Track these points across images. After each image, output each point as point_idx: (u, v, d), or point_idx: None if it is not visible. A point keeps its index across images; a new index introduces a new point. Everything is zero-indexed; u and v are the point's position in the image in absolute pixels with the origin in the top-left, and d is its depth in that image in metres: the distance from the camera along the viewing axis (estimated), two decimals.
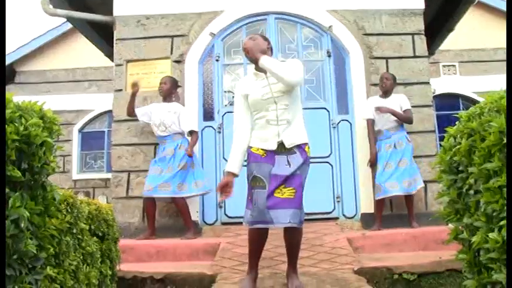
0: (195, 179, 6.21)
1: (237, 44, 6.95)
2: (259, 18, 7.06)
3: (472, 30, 12.79)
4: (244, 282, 3.82)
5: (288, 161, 3.79)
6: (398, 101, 6.39)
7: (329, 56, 7.00)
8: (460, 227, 2.97)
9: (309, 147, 3.92)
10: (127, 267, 4.33)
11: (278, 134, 3.84)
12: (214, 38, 6.95)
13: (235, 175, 3.88)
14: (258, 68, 3.98)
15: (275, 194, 3.67)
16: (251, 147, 3.88)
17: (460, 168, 2.85)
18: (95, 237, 3.10)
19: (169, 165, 6.12)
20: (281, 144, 3.83)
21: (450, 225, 3.27)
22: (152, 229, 6.13)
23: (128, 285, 4.32)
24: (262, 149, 3.83)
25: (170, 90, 6.47)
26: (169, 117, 6.29)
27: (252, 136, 3.93)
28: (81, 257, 2.71)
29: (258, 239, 3.82)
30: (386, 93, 6.47)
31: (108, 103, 9.82)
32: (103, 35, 8.45)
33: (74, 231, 2.61)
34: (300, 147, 3.86)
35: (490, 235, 2.41)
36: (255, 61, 3.90)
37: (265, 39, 4.09)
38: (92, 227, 3.07)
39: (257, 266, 3.91)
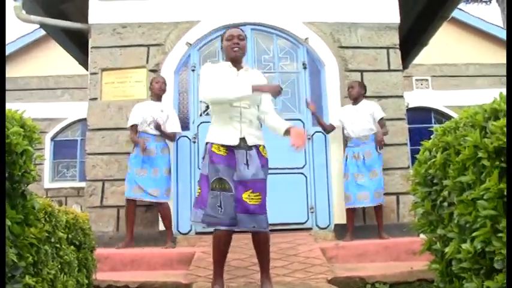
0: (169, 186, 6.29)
1: (213, 54, 6.99)
2: None
3: (445, 46, 13.01)
4: None
5: (246, 159, 3.83)
6: (369, 109, 6.46)
7: (305, 67, 7.06)
8: (433, 238, 3.03)
9: (265, 149, 3.99)
10: (102, 277, 4.30)
11: (240, 131, 3.90)
12: (190, 47, 6.96)
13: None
14: (234, 64, 4.10)
15: (244, 199, 3.72)
16: (212, 143, 3.88)
17: (435, 181, 2.91)
18: (72, 246, 3.09)
19: (155, 167, 6.15)
20: (242, 140, 3.88)
21: (423, 236, 3.33)
22: (131, 235, 6.10)
23: None
24: (223, 147, 3.85)
25: (164, 91, 6.46)
26: (161, 116, 6.31)
27: (212, 131, 3.97)
28: (59, 266, 2.69)
29: (223, 242, 3.83)
30: (355, 100, 6.55)
31: (81, 112, 9.77)
32: (77, 43, 8.41)
33: (52, 240, 2.61)
34: (258, 148, 3.91)
35: (463, 246, 2.46)
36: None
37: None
38: (70, 236, 3.06)
39: (222, 275, 3.91)
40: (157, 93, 6.39)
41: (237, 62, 4.12)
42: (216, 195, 3.73)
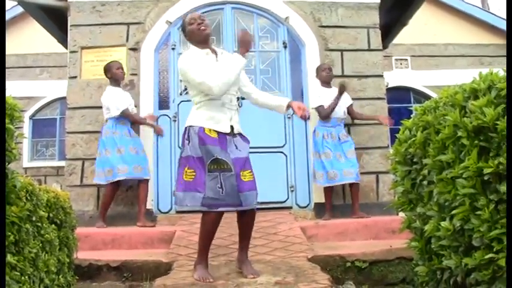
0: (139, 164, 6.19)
1: None
2: (216, 7, 7.05)
3: (424, 26, 13.01)
4: (201, 271, 3.81)
5: (235, 144, 3.86)
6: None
7: (285, 47, 7.05)
8: (413, 216, 3.07)
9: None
10: (83, 255, 4.28)
11: (231, 118, 3.91)
12: (170, 26, 6.92)
13: None
14: (212, 50, 4.02)
15: (242, 178, 3.75)
16: (203, 128, 3.80)
17: (415, 159, 2.95)
18: (53, 225, 3.08)
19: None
20: (231, 128, 3.89)
21: (402, 215, 3.38)
22: (105, 218, 6.08)
23: (83, 273, 4.29)
24: (214, 131, 3.82)
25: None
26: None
27: (201, 116, 3.87)
28: (40, 245, 2.69)
29: (216, 223, 3.81)
30: (328, 84, 6.55)
31: (60, 90, 9.66)
32: (56, 21, 8.29)
33: (33, 218, 2.59)
34: (241, 134, 3.99)
35: (442, 224, 2.51)
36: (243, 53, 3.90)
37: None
38: (51, 214, 3.04)
39: (207, 255, 3.93)
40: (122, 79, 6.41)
41: (208, 43, 4.04)
42: (216, 176, 3.70)
